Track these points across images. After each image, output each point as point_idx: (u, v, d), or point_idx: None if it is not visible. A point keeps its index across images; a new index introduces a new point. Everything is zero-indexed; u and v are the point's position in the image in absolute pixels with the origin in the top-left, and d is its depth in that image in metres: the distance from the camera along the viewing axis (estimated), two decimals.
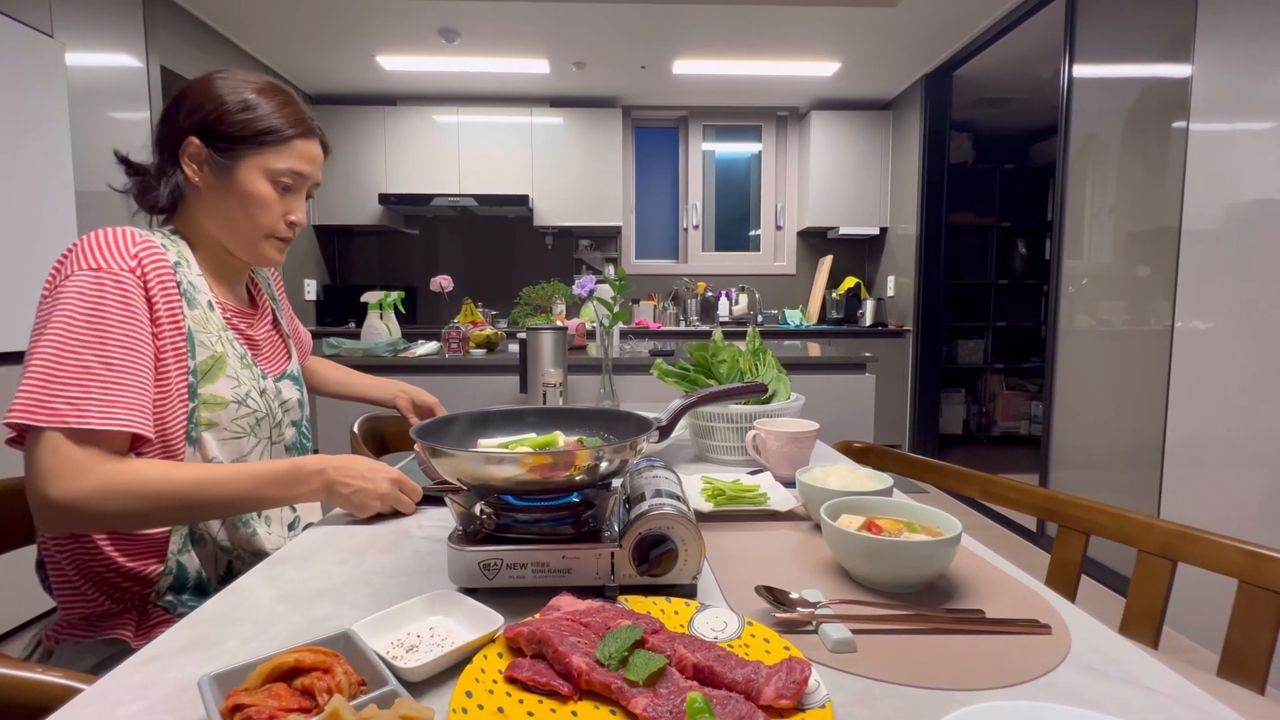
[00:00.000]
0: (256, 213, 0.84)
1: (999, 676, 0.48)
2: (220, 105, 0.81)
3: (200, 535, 0.82)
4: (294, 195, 0.87)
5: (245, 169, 0.82)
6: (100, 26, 2.47)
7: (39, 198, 2.02)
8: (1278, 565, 0.73)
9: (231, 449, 0.83)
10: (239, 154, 0.82)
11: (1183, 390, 1.99)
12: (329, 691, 0.41)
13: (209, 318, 0.83)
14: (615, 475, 0.64)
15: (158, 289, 0.76)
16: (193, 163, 0.82)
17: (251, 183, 0.83)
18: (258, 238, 0.86)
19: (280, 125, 0.83)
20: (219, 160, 0.82)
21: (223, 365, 0.82)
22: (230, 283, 0.92)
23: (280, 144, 0.83)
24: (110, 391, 0.70)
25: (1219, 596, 0.82)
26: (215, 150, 0.82)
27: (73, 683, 0.51)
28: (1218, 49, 1.89)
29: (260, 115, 0.82)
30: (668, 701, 0.41)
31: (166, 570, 0.79)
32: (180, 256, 0.82)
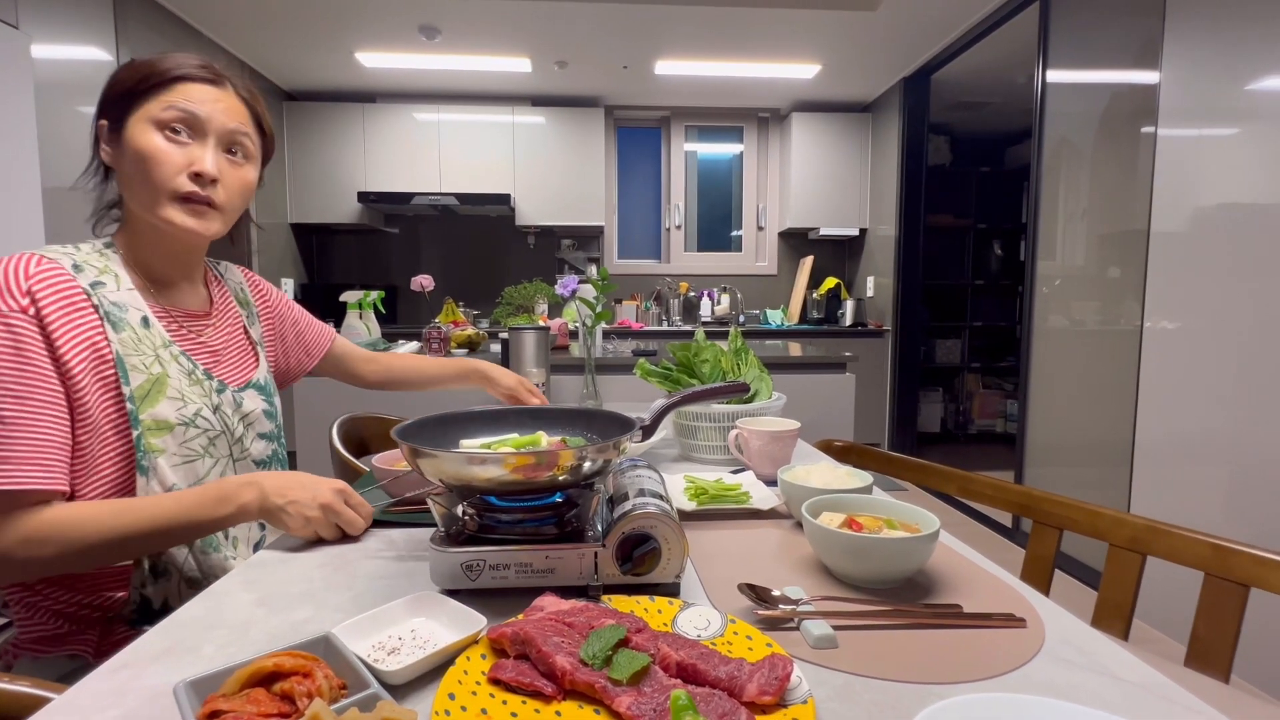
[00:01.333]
0: (150, 168, 0.75)
1: (976, 669, 0.49)
2: (111, 80, 0.77)
3: (165, 568, 0.77)
4: (196, 144, 0.78)
5: (133, 125, 0.76)
6: (68, 18, 2.40)
7: (4, 195, 1.96)
8: (1241, 558, 0.76)
9: (186, 473, 0.78)
10: (127, 113, 0.76)
11: (1152, 389, 2.05)
12: (309, 696, 0.40)
13: (142, 336, 0.77)
14: (598, 475, 0.64)
15: (60, 321, 0.70)
16: (104, 144, 0.78)
17: (140, 137, 0.75)
18: (159, 198, 0.76)
19: (158, 71, 0.76)
20: (115, 128, 0.77)
21: (163, 386, 0.76)
22: (178, 284, 0.85)
23: (160, 88, 0.76)
24: (6, 448, 0.65)
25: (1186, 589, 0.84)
26: (111, 121, 0.77)
27: (42, 691, 0.50)
28: (1185, 57, 1.94)
29: (141, 66, 0.77)
30: (651, 700, 0.42)
31: (130, 601, 0.76)
32: (105, 273, 0.76)
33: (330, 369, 1.16)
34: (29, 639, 0.75)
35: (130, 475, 0.75)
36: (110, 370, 0.73)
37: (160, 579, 0.78)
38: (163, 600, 0.78)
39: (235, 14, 3.10)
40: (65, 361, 0.70)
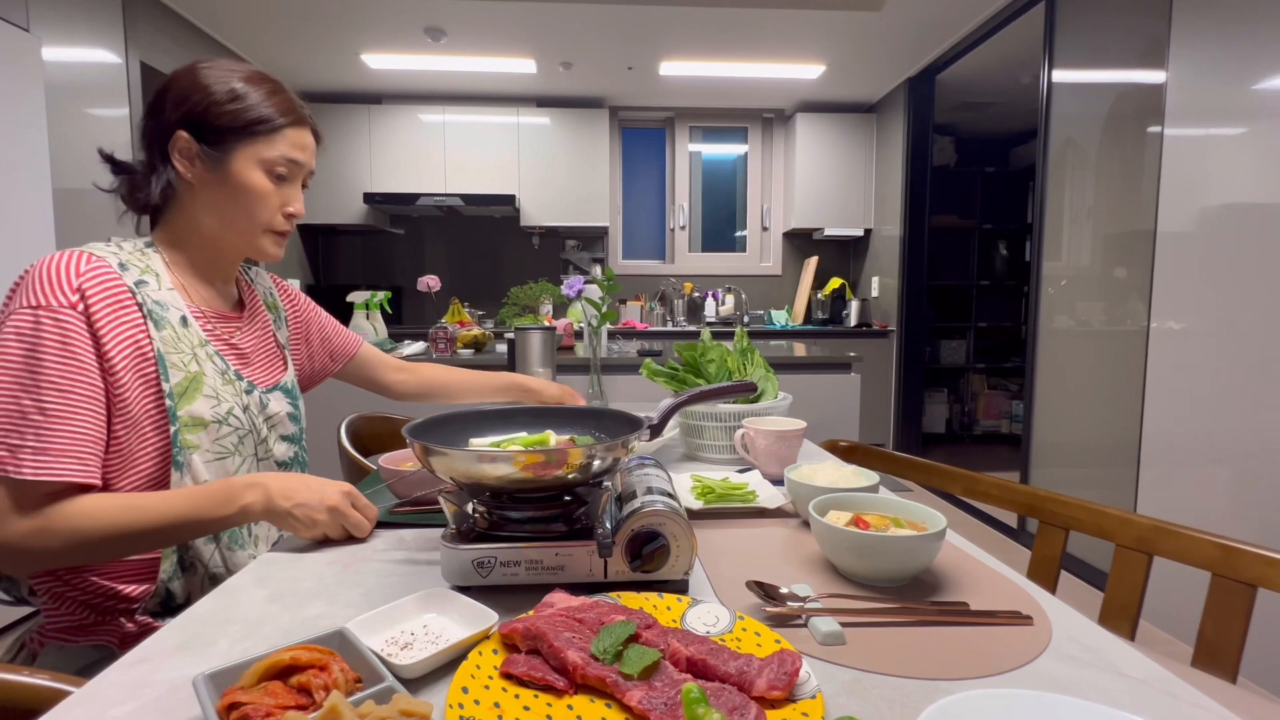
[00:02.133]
0: (253, 205, 0.82)
1: (983, 666, 0.49)
2: (208, 96, 0.78)
3: (191, 562, 0.79)
4: (290, 185, 0.85)
5: (239, 161, 0.80)
6: (78, 21, 2.42)
7: (16, 196, 1.97)
8: (1249, 558, 0.76)
9: (217, 469, 0.80)
10: (231, 146, 0.79)
11: (1158, 389, 2.04)
12: (326, 688, 0.41)
13: (181, 335, 0.79)
14: (607, 473, 0.65)
15: (107, 318, 0.72)
16: (183, 158, 0.80)
17: (246, 174, 0.80)
18: (256, 232, 0.84)
19: (271, 114, 0.81)
20: (211, 153, 0.79)
21: (199, 384, 0.79)
22: (217, 283, 0.89)
23: (272, 133, 0.81)
24: (44, 439, 0.67)
25: (1192, 590, 0.84)
26: (206, 143, 0.79)
27: (62, 685, 0.51)
28: (1192, 56, 1.94)
29: (250, 104, 0.80)
30: (662, 694, 0.42)
31: (155, 593, 0.78)
32: (147, 272, 0.78)
33: (355, 376, 1.16)
34: (55, 628, 0.76)
35: (165, 470, 0.76)
36: (151, 368, 0.75)
37: (187, 572, 0.79)
38: (186, 594, 0.79)
39: (243, 16, 3.12)
40: (110, 358, 0.72)
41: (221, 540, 0.81)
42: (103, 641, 0.76)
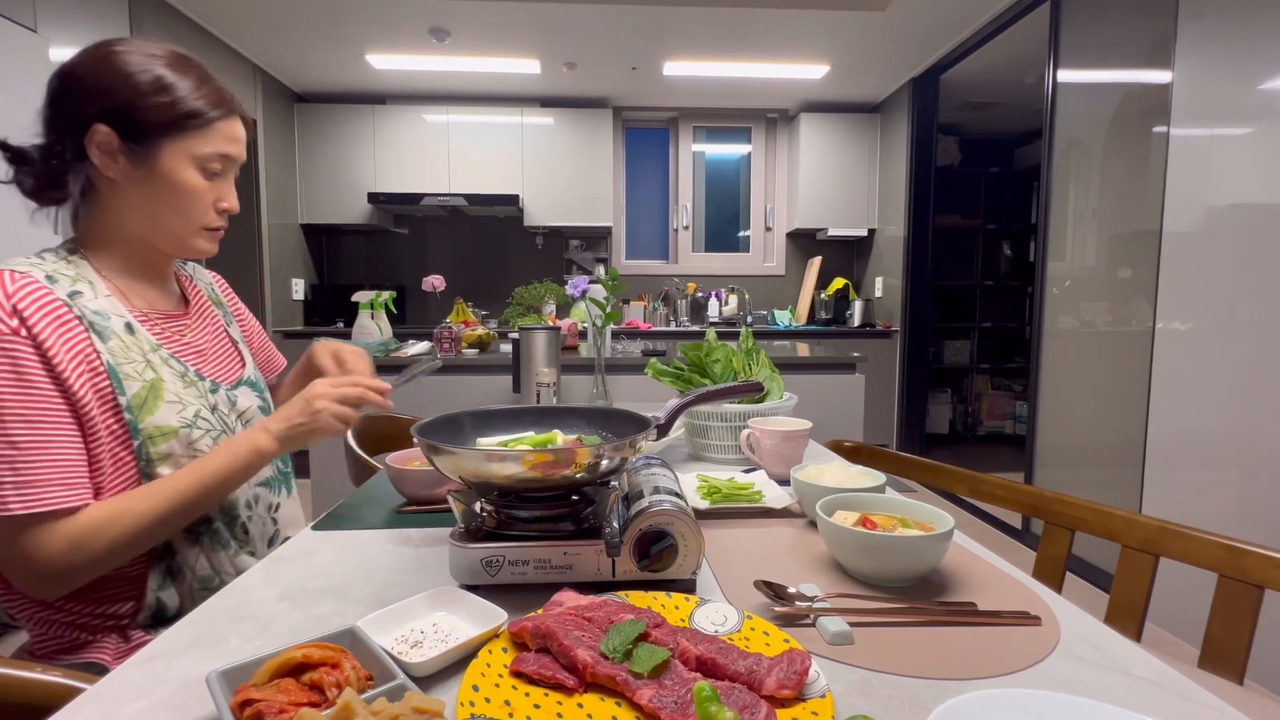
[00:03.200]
0: (187, 205, 0.76)
1: (991, 666, 0.49)
2: (131, 87, 0.71)
3: (179, 569, 0.77)
4: (223, 180, 0.79)
5: (169, 158, 0.73)
6: (84, 21, 2.43)
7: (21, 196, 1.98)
8: (1256, 559, 0.76)
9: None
10: (159, 142, 0.73)
11: (1163, 390, 2.04)
12: (338, 686, 0.41)
13: (130, 343, 0.74)
14: (615, 473, 0.65)
15: (53, 337, 0.67)
16: (103, 153, 0.73)
17: (178, 172, 0.74)
18: (190, 231, 0.78)
19: (203, 107, 0.74)
20: (136, 149, 0.73)
21: (159, 392, 0.74)
22: (155, 282, 0.84)
23: (205, 127, 0.75)
24: (23, 473, 0.64)
25: (1199, 591, 0.84)
26: (131, 139, 0.72)
27: (75, 682, 0.51)
28: (1198, 56, 1.93)
29: (180, 96, 0.73)
30: (672, 693, 0.42)
31: (145, 606, 0.75)
32: (79, 281, 0.73)
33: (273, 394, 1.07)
34: (46, 651, 0.75)
35: (139, 483, 0.74)
36: (105, 382, 0.71)
37: (175, 580, 0.77)
38: (178, 605, 0.78)
39: (248, 17, 3.13)
40: (64, 377, 0.68)
41: (203, 542, 0.79)
42: (94, 659, 0.73)
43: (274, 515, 0.90)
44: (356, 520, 0.83)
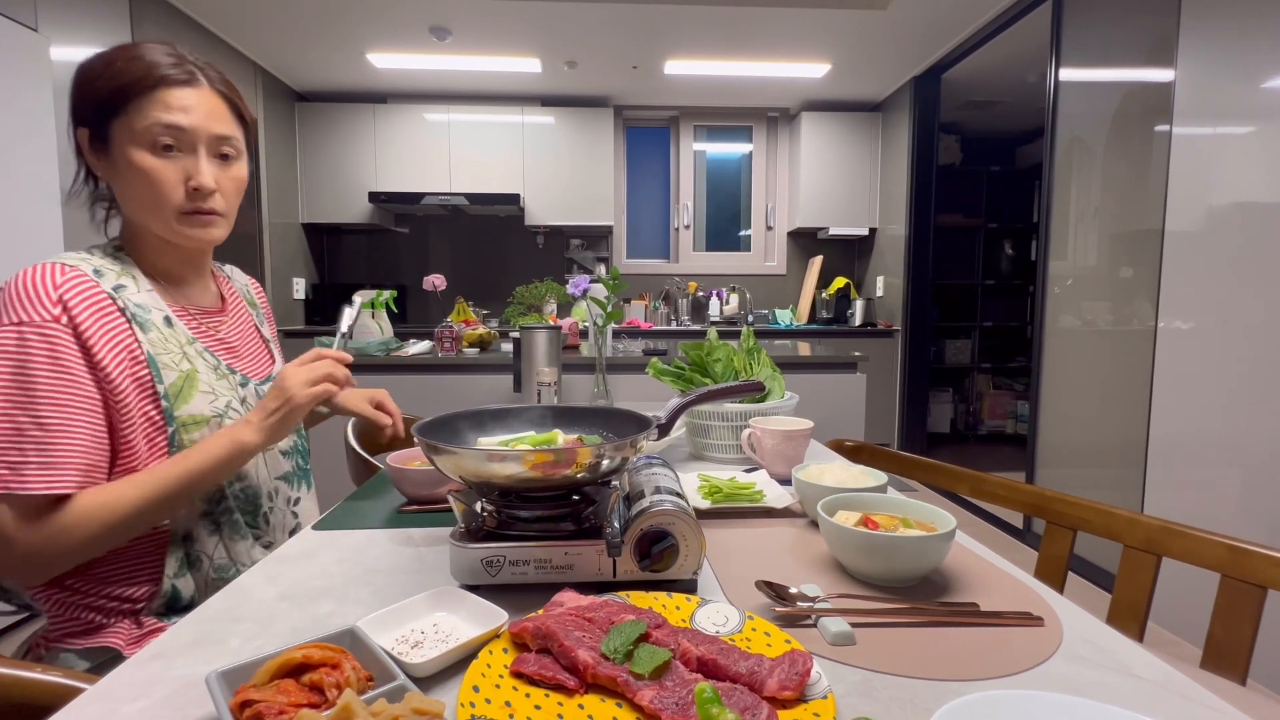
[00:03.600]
0: (148, 187, 0.75)
1: (994, 667, 0.49)
2: (79, 84, 0.74)
3: (196, 557, 0.79)
4: (186, 156, 0.76)
5: (118, 141, 0.74)
6: (86, 21, 2.43)
7: (23, 196, 1.99)
8: (1258, 559, 0.75)
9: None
10: (108, 126, 0.74)
11: (1165, 389, 2.03)
12: (338, 687, 0.41)
13: (168, 335, 0.78)
14: (615, 473, 0.65)
15: (94, 327, 0.71)
16: (87, 154, 0.77)
17: (130, 157, 0.73)
18: (166, 216, 0.77)
19: (128, 80, 0.72)
20: (98, 142, 0.75)
21: (194, 382, 0.78)
22: (191, 279, 0.87)
23: (137, 99, 0.73)
24: (47, 454, 0.66)
25: (1201, 591, 0.84)
26: (94, 132, 0.75)
27: (75, 682, 0.51)
28: (1200, 54, 1.93)
29: (110, 75, 0.72)
30: (673, 694, 0.42)
31: (161, 593, 0.77)
32: (123, 276, 0.78)
33: None
34: (61, 634, 0.76)
35: None
36: (145, 371, 0.75)
37: (192, 568, 0.79)
38: (192, 594, 0.79)
39: (248, 15, 3.12)
40: (103, 366, 0.71)
41: (223, 532, 0.81)
42: (109, 644, 0.75)
43: (294, 509, 0.93)
44: (357, 520, 0.83)
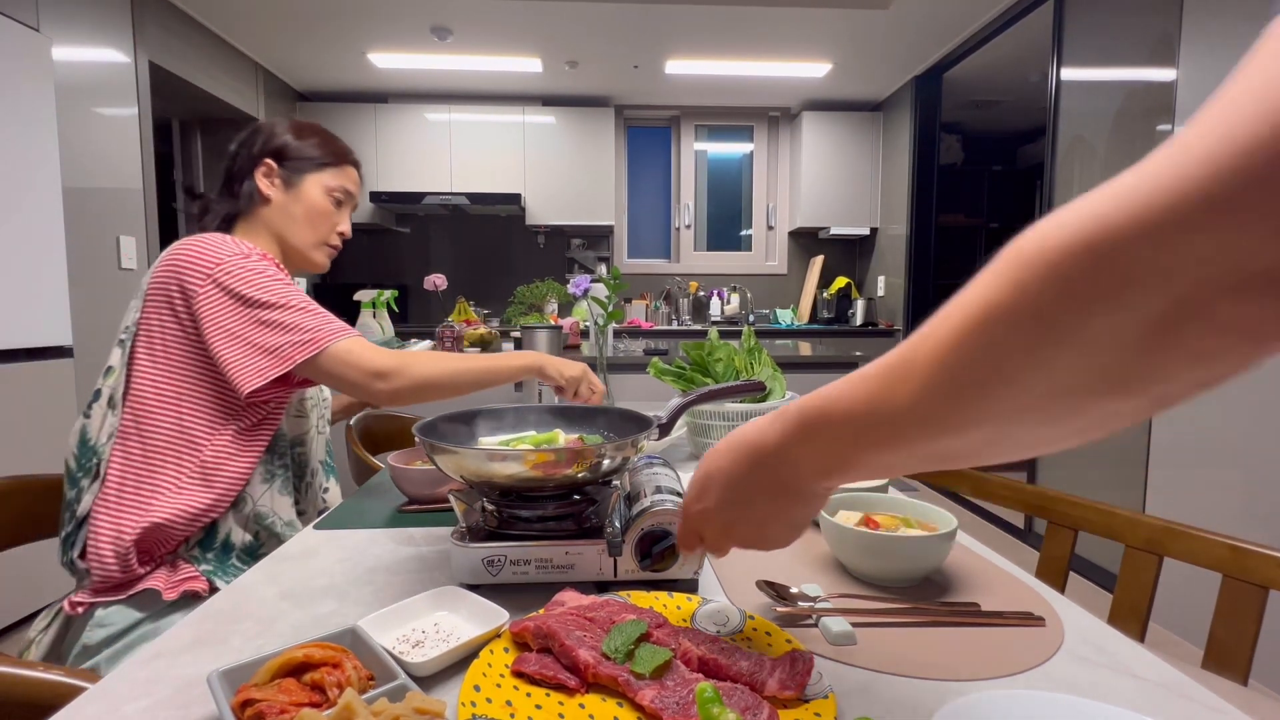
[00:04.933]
0: (317, 220, 1.01)
1: (995, 667, 0.49)
2: (291, 134, 1.00)
3: (242, 498, 0.89)
4: (343, 211, 1.04)
5: (310, 183, 1.00)
6: (87, 21, 2.44)
7: (25, 195, 1.99)
8: (1260, 559, 0.75)
9: (295, 425, 0.99)
10: (305, 171, 1.00)
11: None
12: (339, 686, 0.41)
13: None
14: (616, 472, 0.65)
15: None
16: (268, 179, 0.99)
17: (314, 195, 1.00)
18: (316, 243, 1.02)
19: (335, 152, 1.03)
20: (289, 176, 0.99)
21: None
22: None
23: (335, 166, 1.02)
24: (325, 318, 0.87)
25: (1202, 591, 0.83)
26: (285, 168, 0.99)
27: (77, 681, 0.51)
28: (1202, 53, 1.92)
29: (321, 142, 1.02)
30: (674, 693, 0.42)
31: (200, 527, 0.86)
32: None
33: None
34: (102, 588, 0.82)
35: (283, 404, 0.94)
36: None
37: (235, 507, 0.89)
38: (228, 530, 0.88)
39: (250, 16, 3.13)
40: None
41: (275, 483, 0.93)
42: (150, 586, 0.81)
43: (324, 496, 1.05)
44: (358, 520, 0.83)
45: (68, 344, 2.14)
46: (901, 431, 0.31)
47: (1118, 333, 0.22)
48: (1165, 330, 0.21)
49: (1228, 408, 1.81)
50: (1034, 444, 0.29)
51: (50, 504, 0.93)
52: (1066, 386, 0.25)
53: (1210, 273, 0.20)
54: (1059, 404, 0.26)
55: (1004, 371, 0.26)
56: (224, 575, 0.86)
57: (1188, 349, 0.21)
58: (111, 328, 2.44)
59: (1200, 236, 0.19)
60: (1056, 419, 0.27)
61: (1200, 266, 0.20)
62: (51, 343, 2.08)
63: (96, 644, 0.80)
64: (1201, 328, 0.21)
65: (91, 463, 0.85)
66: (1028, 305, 0.24)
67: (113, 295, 2.50)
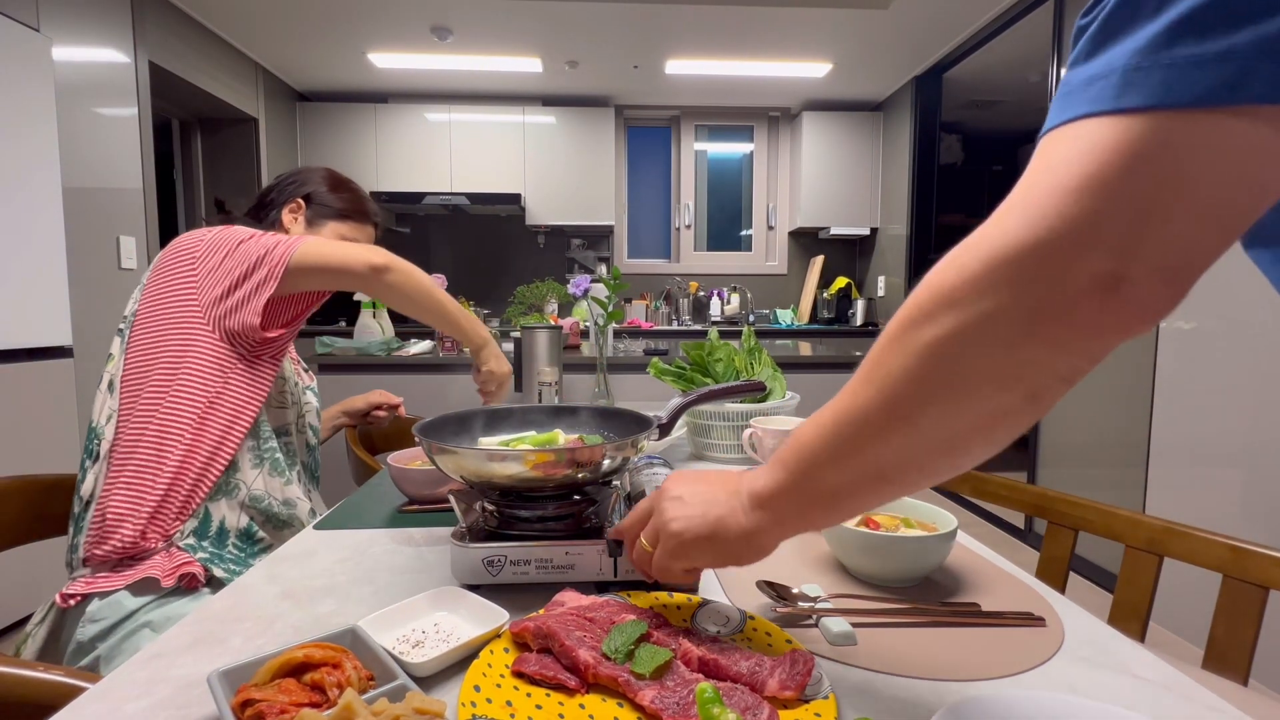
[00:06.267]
0: None
1: (996, 667, 0.49)
2: (326, 185, 1.11)
3: (235, 485, 0.91)
4: None
5: (328, 229, 1.10)
6: (87, 21, 2.44)
7: (26, 195, 1.99)
8: (1260, 559, 0.75)
9: (276, 416, 1.02)
10: (327, 218, 1.10)
11: (1167, 389, 2.03)
12: (339, 686, 0.41)
13: None
14: (616, 472, 0.65)
15: None
16: (292, 215, 1.09)
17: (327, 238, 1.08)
18: None
19: (359, 209, 1.14)
20: (312, 218, 1.09)
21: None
22: None
23: (354, 220, 1.12)
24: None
25: (1202, 591, 0.83)
26: (311, 210, 1.09)
27: (77, 681, 0.51)
28: None
29: (349, 196, 1.13)
30: (674, 694, 0.42)
31: (193, 515, 0.88)
32: None
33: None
34: (97, 577, 0.83)
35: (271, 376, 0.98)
36: None
37: (228, 494, 0.91)
38: (222, 517, 0.90)
39: (250, 16, 3.13)
40: None
41: (264, 466, 0.94)
42: (149, 574, 0.82)
43: (308, 492, 1.06)
44: (358, 520, 0.83)
45: (68, 344, 2.14)
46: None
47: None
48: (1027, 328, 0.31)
49: (1228, 408, 1.81)
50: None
51: (51, 504, 0.93)
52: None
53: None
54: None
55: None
56: (220, 563, 0.86)
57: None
58: (112, 328, 2.43)
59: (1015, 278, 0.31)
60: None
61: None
62: (51, 343, 2.08)
63: (90, 639, 0.80)
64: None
65: (94, 444, 0.88)
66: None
67: (113, 295, 2.50)
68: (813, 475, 0.40)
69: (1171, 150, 0.26)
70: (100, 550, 0.84)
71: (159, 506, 0.86)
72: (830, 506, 0.41)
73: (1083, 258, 0.28)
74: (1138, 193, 0.27)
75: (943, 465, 0.36)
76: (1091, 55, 0.29)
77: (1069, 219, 0.28)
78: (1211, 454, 1.87)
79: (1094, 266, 0.28)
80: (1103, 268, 0.28)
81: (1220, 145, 0.26)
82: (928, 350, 0.33)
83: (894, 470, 0.37)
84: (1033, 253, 0.29)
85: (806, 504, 0.41)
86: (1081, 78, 0.29)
